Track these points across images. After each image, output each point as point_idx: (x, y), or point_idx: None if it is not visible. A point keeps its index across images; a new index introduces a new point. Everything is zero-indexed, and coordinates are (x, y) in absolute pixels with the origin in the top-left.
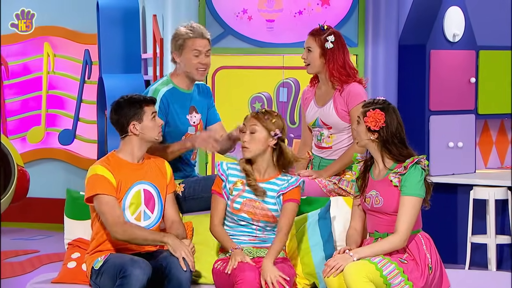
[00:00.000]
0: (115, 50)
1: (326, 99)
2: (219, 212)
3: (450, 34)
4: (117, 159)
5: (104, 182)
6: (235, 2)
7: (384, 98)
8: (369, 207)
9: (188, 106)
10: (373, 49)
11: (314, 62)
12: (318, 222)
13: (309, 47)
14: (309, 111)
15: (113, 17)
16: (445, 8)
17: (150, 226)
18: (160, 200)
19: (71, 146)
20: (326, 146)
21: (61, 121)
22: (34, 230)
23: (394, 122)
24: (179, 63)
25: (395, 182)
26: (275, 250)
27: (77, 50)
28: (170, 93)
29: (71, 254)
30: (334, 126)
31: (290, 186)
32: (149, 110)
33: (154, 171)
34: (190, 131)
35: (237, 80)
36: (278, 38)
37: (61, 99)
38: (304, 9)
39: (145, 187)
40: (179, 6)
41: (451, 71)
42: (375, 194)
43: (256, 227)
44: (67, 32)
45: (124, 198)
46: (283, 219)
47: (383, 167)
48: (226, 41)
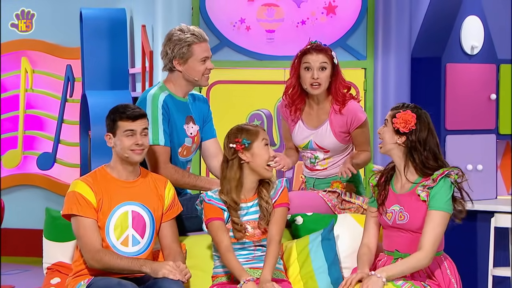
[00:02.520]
0: (100, 64)
1: (320, 121)
2: (225, 235)
3: (468, 46)
4: (105, 174)
5: (82, 202)
6: (232, 10)
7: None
8: (390, 223)
9: (184, 116)
10: (383, 62)
11: (326, 81)
12: (322, 243)
13: (323, 63)
14: (297, 132)
15: (98, 29)
16: (463, 17)
17: (139, 252)
18: (152, 224)
19: (51, 171)
20: (321, 169)
21: (40, 144)
22: (10, 264)
23: (425, 128)
24: (182, 71)
25: (423, 197)
26: (271, 263)
27: (58, 66)
28: (168, 100)
29: (50, 280)
30: (332, 150)
31: (277, 191)
32: (125, 125)
33: (149, 192)
34: (187, 142)
35: (234, 96)
36: (279, 50)
37: (40, 119)
38: (307, 18)
39: (135, 208)
40: (171, 15)
41: (469, 86)
42: (399, 209)
43: (255, 248)
44: (47, 45)
45: (108, 220)
46: (274, 226)
47: (406, 180)
48: (222, 54)
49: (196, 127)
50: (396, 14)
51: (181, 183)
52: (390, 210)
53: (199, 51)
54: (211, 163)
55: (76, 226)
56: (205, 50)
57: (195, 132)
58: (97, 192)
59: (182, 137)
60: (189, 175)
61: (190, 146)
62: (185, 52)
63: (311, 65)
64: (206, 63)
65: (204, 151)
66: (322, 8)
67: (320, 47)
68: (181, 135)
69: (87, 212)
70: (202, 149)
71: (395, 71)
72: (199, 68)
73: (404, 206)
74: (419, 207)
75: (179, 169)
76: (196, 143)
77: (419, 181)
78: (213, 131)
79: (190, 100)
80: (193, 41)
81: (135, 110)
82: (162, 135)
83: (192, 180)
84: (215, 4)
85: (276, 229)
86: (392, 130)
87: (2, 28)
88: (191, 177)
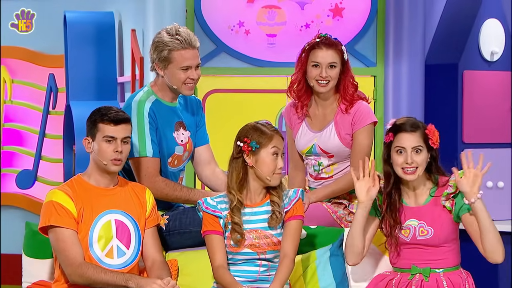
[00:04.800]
0: (86, 73)
1: (325, 123)
2: (220, 250)
3: (487, 52)
4: (82, 182)
5: (60, 211)
6: (230, 13)
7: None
8: (409, 240)
9: (173, 122)
10: (394, 69)
11: (335, 79)
12: (330, 259)
13: (333, 62)
14: (300, 136)
15: (84, 34)
16: (481, 20)
17: (125, 264)
18: (138, 233)
19: (32, 190)
20: (327, 177)
21: (19, 160)
22: None
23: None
24: (163, 76)
25: (449, 206)
26: (281, 280)
27: (40, 75)
28: (155, 106)
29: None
30: (337, 154)
31: (292, 201)
32: (105, 129)
33: (130, 199)
34: (177, 151)
35: (232, 105)
36: (281, 56)
37: (20, 133)
38: (312, 21)
39: (118, 217)
40: (163, 18)
41: (488, 95)
42: (418, 224)
43: (261, 263)
44: (27, 53)
45: (91, 230)
46: (288, 242)
47: (420, 192)
48: (219, 60)
49: (187, 133)
50: (409, 16)
51: (173, 198)
52: (406, 226)
53: (180, 59)
54: (202, 171)
55: (55, 239)
56: (187, 59)
57: (186, 139)
58: (77, 201)
59: (172, 146)
60: (181, 188)
61: (181, 155)
62: (166, 57)
63: (319, 62)
64: (188, 72)
65: (196, 158)
66: (328, 11)
67: (330, 41)
68: (171, 144)
69: (66, 222)
70: (194, 156)
71: (407, 79)
72: (179, 76)
73: (425, 220)
74: (444, 218)
75: (169, 182)
76: (189, 150)
77: (435, 190)
78: (206, 136)
79: (181, 104)
80: (175, 47)
81: (119, 114)
82: (150, 146)
83: (184, 193)
84: (211, 6)
85: (289, 245)
86: (427, 150)
87: (2, 28)
88: (183, 191)
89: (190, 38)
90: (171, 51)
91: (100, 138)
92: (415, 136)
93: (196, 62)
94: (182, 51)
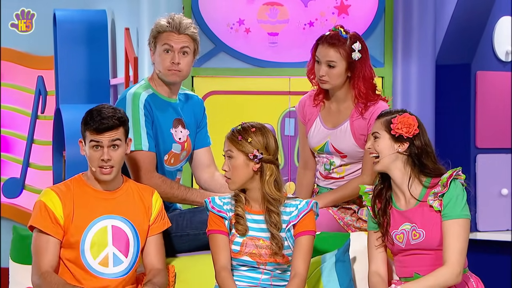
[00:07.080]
0: (77, 74)
1: (340, 120)
2: (224, 250)
3: (501, 51)
4: (81, 183)
5: (44, 215)
6: (229, 11)
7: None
8: (404, 246)
9: (171, 118)
10: (403, 70)
11: (336, 78)
12: (335, 265)
13: (330, 61)
14: (313, 132)
15: (74, 34)
16: (495, 18)
17: (122, 273)
18: (137, 240)
19: (19, 199)
20: (337, 177)
21: (6, 168)
22: None
23: (425, 129)
24: (154, 63)
25: (437, 207)
26: None
27: (28, 77)
28: (151, 98)
29: None
30: (350, 155)
31: (301, 213)
32: (89, 136)
33: (132, 204)
34: (174, 148)
35: (232, 108)
36: (283, 56)
37: (6, 139)
38: (316, 19)
39: (116, 223)
40: (158, 16)
41: (503, 98)
42: (410, 227)
43: (262, 272)
44: (15, 54)
45: (83, 236)
46: (299, 260)
47: (410, 195)
48: (218, 60)
49: (186, 132)
50: (419, 14)
51: (169, 196)
52: (400, 231)
53: (164, 37)
54: (201, 175)
55: (33, 240)
56: (170, 40)
57: (184, 138)
58: (67, 204)
59: (169, 142)
60: (178, 186)
61: (178, 153)
62: (153, 37)
63: (319, 59)
64: (170, 54)
65: (195, 161)
66: (333, 8)
67: (333, 39)
68: (167, 140)
69: (45, 226)
70: (193, 158)
71: (417, 80)
72: (162, 58)
73: (416, 222)
74: (434, 219)
75: (167, 179)
76: (187, 150)
77: (425, 192)
78: (207, 138)
79: (181, 101)
80: (163, 28)
81: (103, 122)
82: (146, 139)
83: (182, 192)
84: (209, 3)
85: (300, 263)
86: (389, 138)
87: (2, 28)
88: (181, 189)
89: (180, 22)
90: (159, 32)
91: (88, 143)
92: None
93: (179, 46)
94: (168, 33)
